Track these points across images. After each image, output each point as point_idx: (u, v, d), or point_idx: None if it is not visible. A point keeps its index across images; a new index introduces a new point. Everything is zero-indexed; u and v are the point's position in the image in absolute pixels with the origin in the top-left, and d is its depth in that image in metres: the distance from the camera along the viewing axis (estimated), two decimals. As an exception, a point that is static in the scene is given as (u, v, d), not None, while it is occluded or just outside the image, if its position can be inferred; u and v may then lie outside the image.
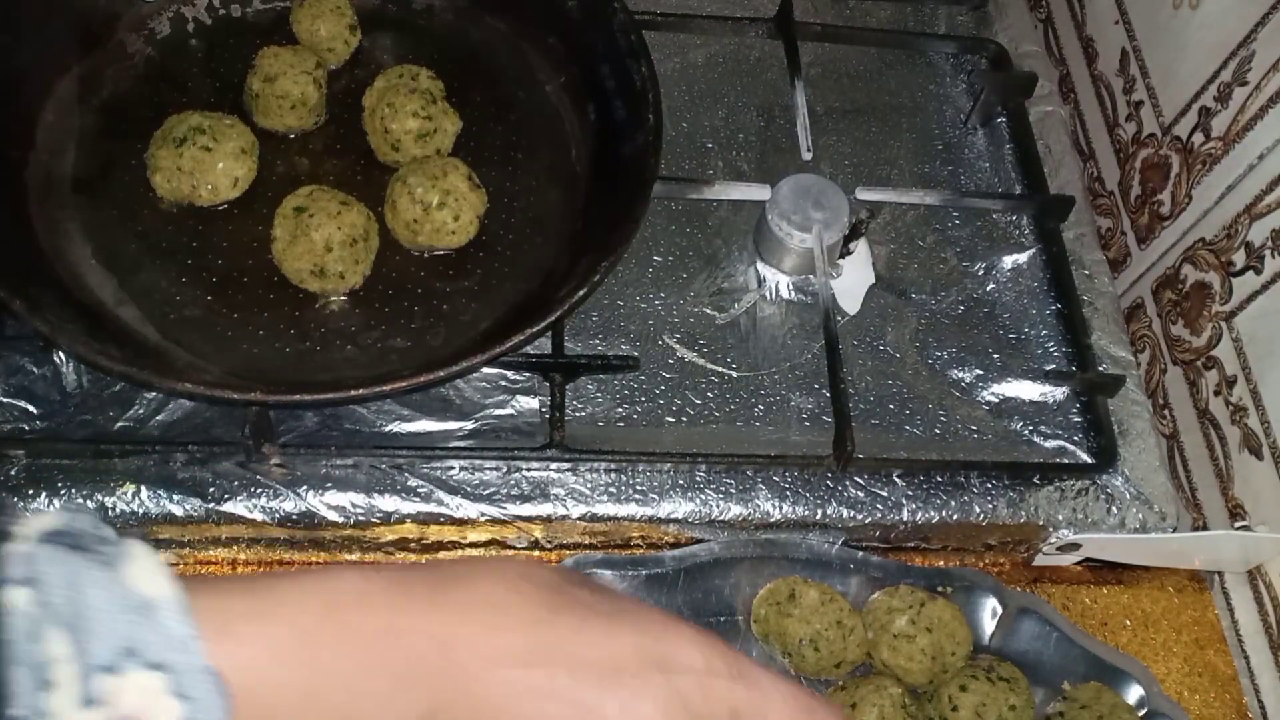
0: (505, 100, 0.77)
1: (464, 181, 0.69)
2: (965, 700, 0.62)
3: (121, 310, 0.65)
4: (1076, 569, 0.74)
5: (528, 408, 0.68)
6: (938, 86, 0.88)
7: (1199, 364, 0.77)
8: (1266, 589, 0.71)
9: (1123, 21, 0.86)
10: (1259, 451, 0.70)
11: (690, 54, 0.86)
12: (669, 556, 0.66)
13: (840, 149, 0.83)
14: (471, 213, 0.69)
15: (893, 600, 0.65)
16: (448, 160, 0.70)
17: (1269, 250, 0.70)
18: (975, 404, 0.73)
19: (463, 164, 0.70)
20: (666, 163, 0.74)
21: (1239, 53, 0.73)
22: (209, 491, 0.63)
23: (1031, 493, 0.70)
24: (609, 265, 0.64)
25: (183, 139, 0.68)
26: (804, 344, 0.74)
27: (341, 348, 0.66)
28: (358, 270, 0.67)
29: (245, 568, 0.67)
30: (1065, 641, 0.66)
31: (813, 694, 0.44)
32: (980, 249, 0.80)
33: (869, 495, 0.69)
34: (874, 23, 0.91)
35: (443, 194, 0.68)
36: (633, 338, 0.72)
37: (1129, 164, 0.85)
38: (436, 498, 0.65)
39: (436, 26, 0.80)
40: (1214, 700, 0.70)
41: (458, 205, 0.68)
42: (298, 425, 0.65)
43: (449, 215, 0.68)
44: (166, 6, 0.76)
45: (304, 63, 0.72)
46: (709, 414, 0.70)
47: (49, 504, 0.62)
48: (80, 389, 0.65)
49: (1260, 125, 0.71)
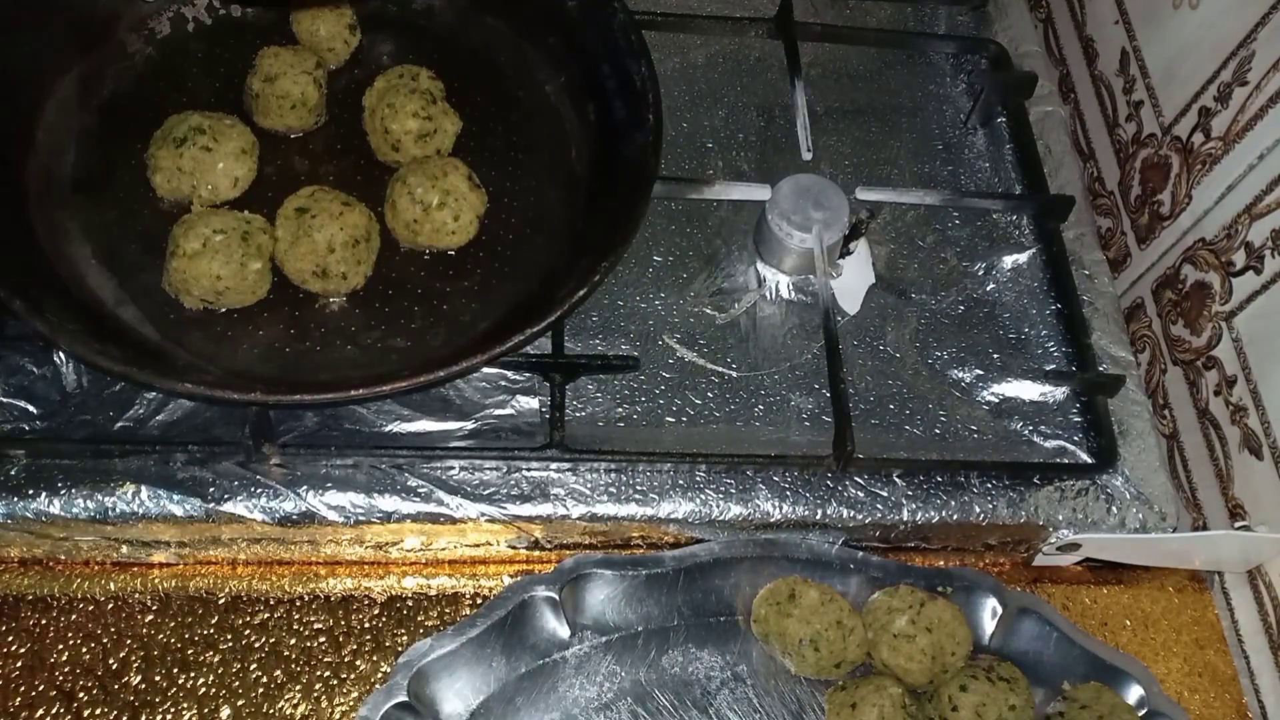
0: (505, 100, 0.77)
1: (464, 181, 0.69)
2: (965, 700, 0.62)
3: (121, 310, 0.65)
4: (1076, 569, 0.74)
5: (528, 408, 0.68)
6: (938, 86, 0.88)
7: (1199, 364, 0.77)
8: (1266, 589, 0.71)
9: (1123, 21, 0.86)
10: (1259, 451, 0.70)
11: (690, 54, 0.86)
12: (669, 556, 0.66)
13: (840, 149, 0.83)
14: (471, 213, 0.69)
15: (893, 600, 0.65)
16: (448, 160, 0.70)
17: (1269, 250, 0.70)
18: (975, 404, 0.73)
19: (463, 164, 0.70)
20: (666, 163, 0.74)
21: (1239, 53, 0.73)
22: (209, 491, 0.63)
23: (1031, 493, 0.70)
24: (609, 265, 0.64)
25: (183, 139, 0.68)
26: (804, 344, 0.74)
27: (341, 348, 0.66)
28: (359, 271, 0.67)
29: (245, 568, 0.67)
30: (1065, 641, 0.66)
31: None
32: (980, 249, 0.80)
33: (869, 495, 0.69)
34: (874, 23, 0.91)
35: (443, 194, 0.68)
36: (633, 338, 0.72)
37: (1129, 164, 0.85)
38: (436, 498, 0.65)
39: (436, 26, 0.80)
40: (1214, 700, 0.70)
41: (458, 205, 0.68)
42: (298, 425, 0.65)
43: (449, 215, 0.68)
44: (166, 6, 0.76)
45: (304, 63, 0.72)
46: (709, 414, 0.70)
47: (49, 504, 0.62)
48: (80, 389, 0.65)
49: (1260, 125, 0.71)
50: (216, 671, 0.63)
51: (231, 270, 0.64)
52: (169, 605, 0.65)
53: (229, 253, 0.64)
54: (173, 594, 0.65)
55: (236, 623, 0.65)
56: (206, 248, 0.64)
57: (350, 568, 0.68)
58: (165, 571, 0.66)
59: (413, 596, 0.67)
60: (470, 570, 0.68)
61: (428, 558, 0.68)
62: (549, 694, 0.63)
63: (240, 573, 0.67)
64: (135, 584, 0.65)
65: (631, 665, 0.64)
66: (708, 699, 0.64)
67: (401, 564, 0.68)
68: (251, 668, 0.63)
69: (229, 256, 0.64)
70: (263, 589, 0.66)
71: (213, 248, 0.64)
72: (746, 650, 0.66)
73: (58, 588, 0.65)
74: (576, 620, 0.65)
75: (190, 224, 0.65)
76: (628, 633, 0.65)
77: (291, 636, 0.65)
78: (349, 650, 0.65)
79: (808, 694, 0.65)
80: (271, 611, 0.65)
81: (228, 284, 0.64)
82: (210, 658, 0.63)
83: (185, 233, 0.64)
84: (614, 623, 0.65)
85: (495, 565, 0.69)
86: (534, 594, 0.63)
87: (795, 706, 0.65)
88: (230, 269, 0.64)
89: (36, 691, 0.61)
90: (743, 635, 0.66)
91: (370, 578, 0.67)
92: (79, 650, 0.63)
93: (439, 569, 0.68)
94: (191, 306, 0.66)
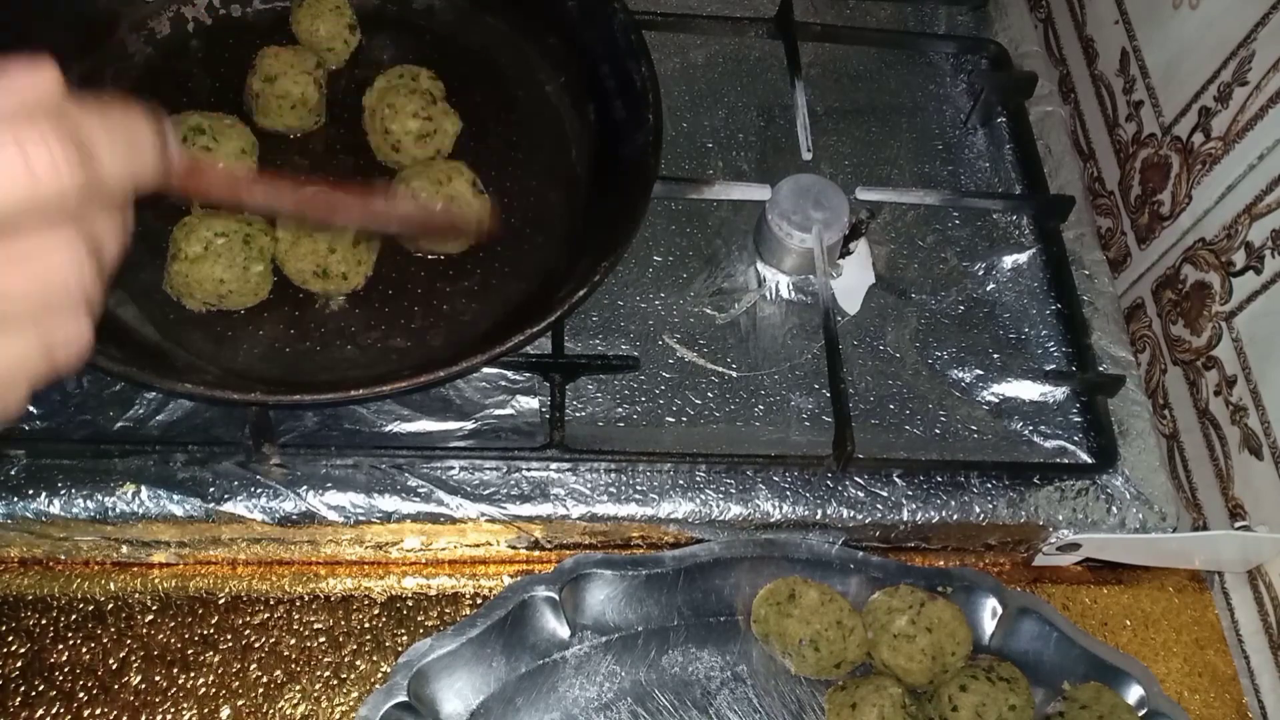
0: (505, 100, 0.77)
1: (468, 188, 0.68)
2: (965, 700, 0.62)
3: (121, 310, 0.65)
4: (1076, 569, 0.74)
5: (528, 408, 0.68)
6: (938, 86, 0.88)
7: (1199, 364, 0.77)
8: (1266, 589, 0.71)
9: (1123, 21, 0.86)
10: (1259, 451, 0.70)
11: (690, 54, 0.86)
12: (669, 556, 0.66)
13: (840, 149, 0.83)
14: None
15: (893, 600, 0.65)
16: (452, 165, 0.70)
17: (1269, 250, 0.70)
18: (975, 404, 0.73)
19: (467, 169, 0.69)
20: (666, 163, 0.74)
21: (1239, 53, 0.73)
22: (209, 491, 0.63)
23: (1031, 493, 0.70)
24: (609, 265, 0.64)
25: (183, 139, 0.67)
26: (804, 344, 0.74)
27: (342, 348, 0.66)
28: (360, 271, 0.67)
29: (245, 568, 0.67)
30: (1065, 641, 0.66)
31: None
32: (980, 249, 0.80)
33: (869, 495, 0.69)
34: (874, 23, 0.91)
35: (446, 200, 0.68)
36: (633, 338, 0.72)
37: (1129, 164, 0.85)
38: (436, 498, 0.65)
39: (436, 26, 0.80)
40: (1214, 700, 0.70)
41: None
42: (298, 425, 0.65)
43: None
44: (166, 6, 0.76)
45: (304, 63, 0.72)
46: (709, 414, 0.70)
47: (49, 504, 0.62)
48: (80, 389, 0.65)
49: (1260, 125, 0.71)
50: (216, 671, 0.63)
51: (234, 274, 0.64)
52: (169, 605, 0.65)
53: (231, 256, 0.64)
54: (173, 594, 0.65)
55: (236, 623, 0.65)
56: (208, 251, 0.64)
57: (350, 568, 0.68)
58: (165, 571, 0.66)
59: (413, 596, 0.67)
60: (470, 570, 0.68)
61: (428, 558, 0.68)
62: (549, 694, 0.63)
63: (240, 573, 0.67)
64: (135, 584, 0.65)
65: (631, 665, 0.64)
66: (708, 699, 0.64)
67: (401, 564, 0.68)
68: (251, 668, 0.63)
69: (231, 260, 0.64)
70: (263, 589, 0.66)
71: (215, 251, 0.64)
72: (746, 650, 0.66)
73: (58, 588, 0.65)
74: (576, 620, 0.65)
75: (191, 227, 0.65)
76: (628, 633, 0.65)
77: (291, 636, 0.65)
78: (349, 650, 0.65)
79: (808, 694, 0.65)
80: (271, 611, 0.65)
81: (230, 287, 0.64)
82: (210, 658, 0.63)
83: (186, 236, 0.64)
84: (614, 623, 0.65)
85: (495, 565, 0.69)
86: (534, 594, 0.63)
87: (795, 706, 0.65)
88: (233, 273, 0.64)
89: (36, 691, 0.61)
90: (743, 635, 0.66)
91: (370, 578, 0.67)
92: (79, 650, 0.63)
93: (439, 569, 0.68)
94: (194, 308, 0.66)
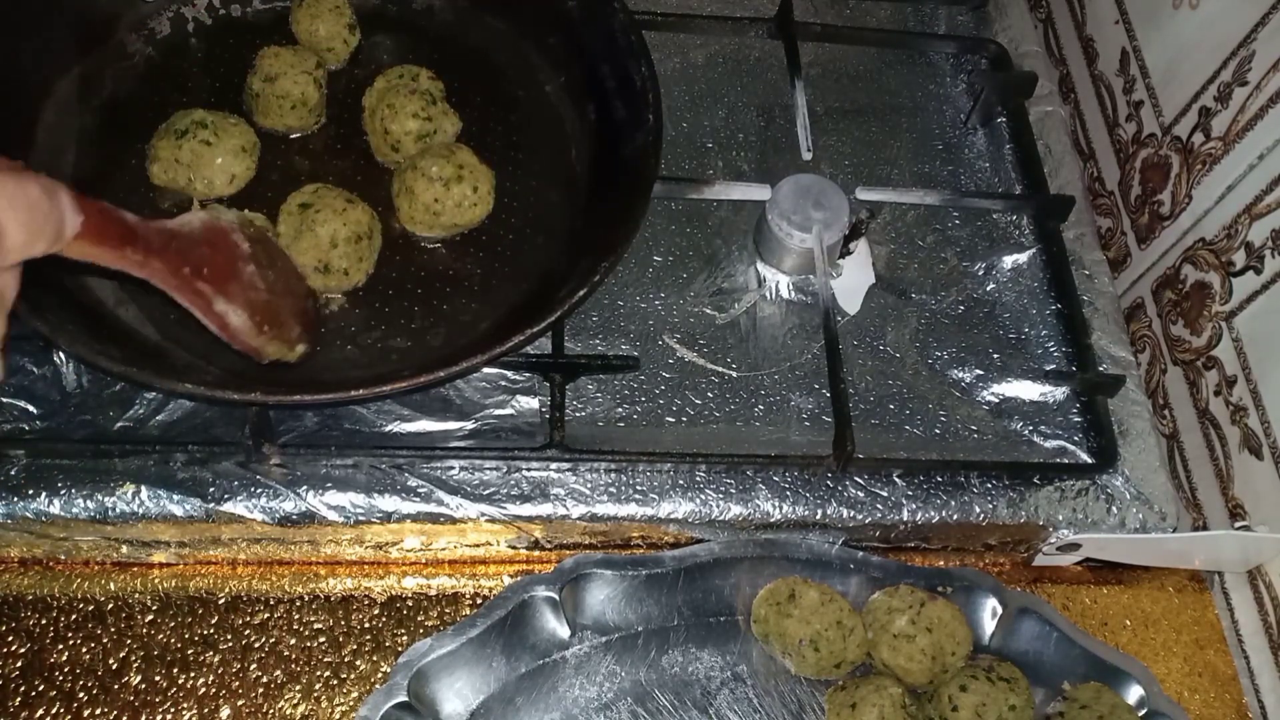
0: (505, 100, 0.77)
1: (473, 156, 0.70)
2: (965, 700, 0.62)
3: (121, 310, 0.65)
4: (1076, 569, 0.74)
5: (528, 408, 0.68)
6: (938, 86, 0.88)
7: (1199, 364, 0.77)
8: (1266, 589, 0.71)
9: (1123, 21, 0.86)
10: (1259, 451, 0.70)
11: (690, 54, 0.86)
12: (669, 556, 0.66)
13: (840, 149, 0.83)
14: (488, 183, 0.70)
15: (893, 600, 0.65)
16: (450, 143, 0.71)
17: (1269, 250, 0.70)
18: (975, 404, 0.73)
19: (464, 145, 0.71)
20: (666, 163, 0.74)
21: (1239, 53, 0.73)
22: (209, 491, 0.63)
23: (1031, 493, 0.70)
24: (609, 265, 0.64)
25: (184, 131, 0.68)
26: (804, 344, 0.74)
27: (342, 348, 0.66)
28: (361, 268, 0.67)
29: (245, 568, 0.67)
30: (1065, 641, 0.66)
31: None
32: (980, 249, 0.80)
33: (869, 495, 0.69)
34: (874, 23, 0.91)
35: (457, 168, 0.69)
36: (633, 338, 0.72)
37: (1129, 164, 0.85)
38: (436, 498, 0.65)
39: (436, 26, 0.80)
40: (1214, 700, 0.70)
41: (474, 177, 0.69)
42: (298, 425, 0.65)
43: (468, 187, 0.69)
44: (166, 6, 0.76)
45: (304, 63, 0.72)
46: (709, 414, 0.70)
47: (49, 504, 0.62)
48: (80, 389, 0.65)
49: (1260, 125, 0.71)
50: (216, 671, 0.63)
51: None
52: (169, 605, 0.65)
53: None
54: (173, 594, 0.65)
55: (236, 623, 0.65)
56: None
57: (350, 568, 0.68)
58: (165, 571, 0.66)
59: (413, 596, 0.67)
60: (470, 570, 0.68)
61: (428, 558, 0.68)
62: (549, 694, 0.63)
63: (240, 573, 0.67)
64: (135, 584, 0.65)
65: (631, 665, 0.64)
66: (708, 699, 0.64)
67: (401, 564, 0.68)
68: (251, 668, 0.63)
69: None
70: (263, 589, 0.66)
71: None
72: (746, 650, 0.66)
73: (58, 588, 0.65)
74: (576, 620, 0.65)
75: None
76: (628, 633, 0.65)
77: (291, 636, 0.65)
78: (349, 650, 0.65)
79: (808, 694, 0.65)
80: (271, 611, 0.65)
81: None
82: (210, 658, 0.63)
83: None
84: (614, 623, 0.65)
85: (495, 565, 0.69)
86: (534, 594, 0.63)
87: (795, 706, 0.65)
88: None
89: (36, 691, 0.61)
90: (743, 635, 0.66)
91: (370, 578, 0.67)
92: (79, 650, 0.63)
93: (439, 569, 0.68)
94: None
